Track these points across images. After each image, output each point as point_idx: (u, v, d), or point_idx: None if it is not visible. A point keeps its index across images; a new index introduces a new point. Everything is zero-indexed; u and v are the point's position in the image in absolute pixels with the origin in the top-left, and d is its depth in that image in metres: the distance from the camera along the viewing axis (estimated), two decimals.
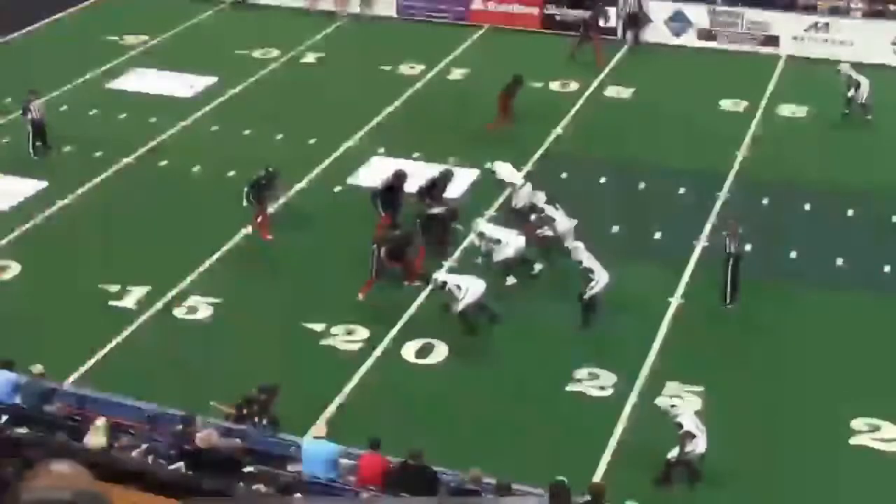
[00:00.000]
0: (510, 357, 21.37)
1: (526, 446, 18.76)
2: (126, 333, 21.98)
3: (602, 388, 20.42)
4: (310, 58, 35.92)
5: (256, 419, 18.00)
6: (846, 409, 19.80)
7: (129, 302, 22.93)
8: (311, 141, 29.55)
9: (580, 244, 22.48)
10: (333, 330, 22.03)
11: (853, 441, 19.14)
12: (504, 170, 26.02)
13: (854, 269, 24.24)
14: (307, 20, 38.89)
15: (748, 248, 23.72)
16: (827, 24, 35.53)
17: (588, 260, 22.00)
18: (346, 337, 21.86)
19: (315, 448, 16.35)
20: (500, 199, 26.45)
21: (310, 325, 22.15)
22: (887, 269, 24.18)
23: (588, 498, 15.57)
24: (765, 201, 26.71)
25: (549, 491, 15.03)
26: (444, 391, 20.53)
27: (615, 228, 25.49)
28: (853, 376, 20.85)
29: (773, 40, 35.95)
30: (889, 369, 21.06)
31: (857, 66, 31.47)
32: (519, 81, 30.50)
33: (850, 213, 26.44)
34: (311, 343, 21.73)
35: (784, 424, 19.66)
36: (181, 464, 15.51)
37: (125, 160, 28.81)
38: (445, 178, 25.73)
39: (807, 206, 26.67)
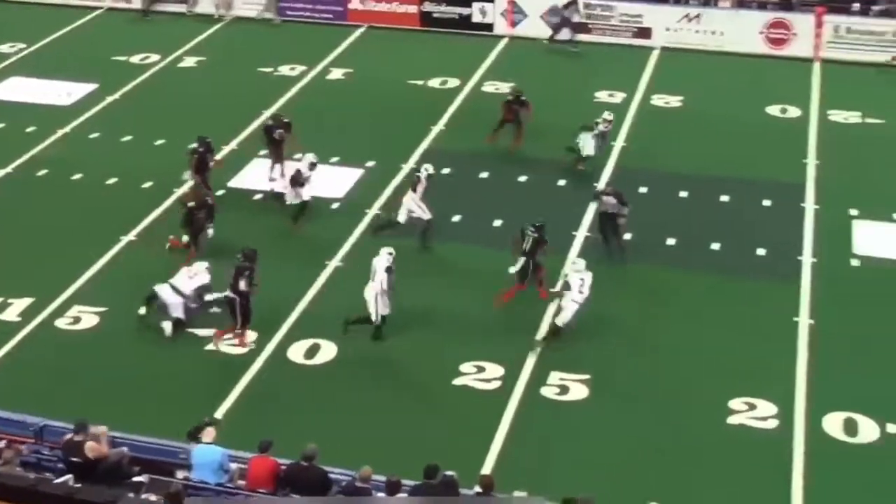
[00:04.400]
0: (397, 354, 21.60)
1: (415, 442, 19.00)
2: (9, 347, 21.76)
3: (488, 380, 20.75)
4: (189, 62, 35.76)
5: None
6: (724, 391, 20.39)
7: (11, 315, 22.69)
8: (192, 145, 29.39)
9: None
10: None
11: (731, 420, 19.73)
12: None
13: (729, 254, 24.96)
14: (186, 24, 38.70)
15: (627, 236, 24.33)
16: (699, 15, 36.37)
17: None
18: (233, 340, 21.89)
19: (204, 453, 16.39)
20: (383, 198, 26.74)
21: (196, 331, 22.15)
22: (761, 252, 24.91)
23: (479, 490, 15.86)
24: (642, 190, 27.27)
25: (425, 475, 15.45)
26: (334, 391, 20.69)
27: (497, 222, 25.82)
28: (729, 358, 21.48)
29: (646, 32, 36.71)
30: (762, 350, 21.73)
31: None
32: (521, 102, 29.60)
33: (725, 198, 27.21)
34: (197, 349, 21.73)
35: (665, 407, 20.17)
36: (69, 476, 15.46)
37: (3, 171, 28.46)
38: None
39: (683, 194, 27.31)
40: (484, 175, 28.27)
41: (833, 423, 19.67)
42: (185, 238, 24.50)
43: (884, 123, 31.32)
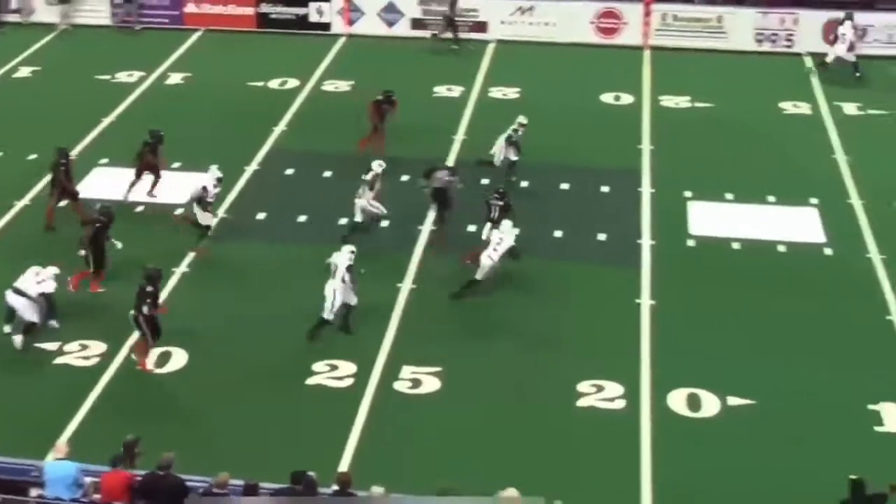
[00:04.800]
0: (250, 357, 21.63)
1: (271, 444, 19.11)
2: None
3: (341, 378, 20.94)
4: (24, 72, 35.11)
5: None
6: (572, 374, 20.93)
7: None
8: (32, 157, 28.92)
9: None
10: (67, 348, 21.80)
11: (580, 403, 20.30)
12: None
13: (571, 240, 25.63)
14: (20, 34, 37.99)
15: (472, 228, 24.83)
16: (532, 8, 37.05)
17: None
18: (81, 353, 21.66)
19: (56, 469, 16.26)
20: (228, 201, 26.73)
21: (43, 346, 21.86)
22: (602, 237, 25.62)
23: (336, 488, 16.05)
24: (484, 181, 27.74)
25: (291, 481, 15.61)
26: (187, 397, 20.65)
27: (342, 220, 26.01)
28: (576, 342, 22.07)
29: (481, 26, 37.27)
30: (607, 333, 22.39)
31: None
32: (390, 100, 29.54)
33: (565, 186, 27.86)
34: (45, 363, 21.46)
35: (516, 393, 20.59)
36: None
37: None
38: None
39: (524, 184, 27.86)
40: (328, 174, 28.42)
41: (677, 400, 20.35)
42: (85, 257, 23.50)
43: (713, 107, 32.41)
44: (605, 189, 27.80)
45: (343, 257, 21.93)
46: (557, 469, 18.70)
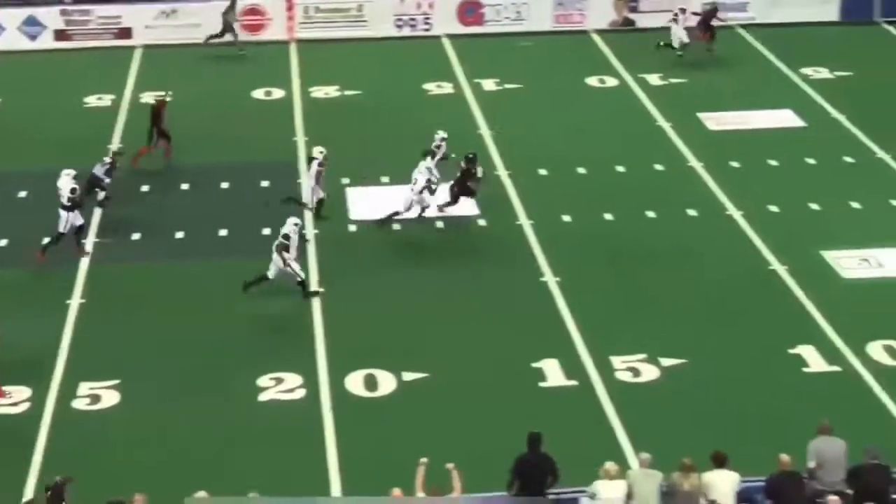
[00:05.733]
0: None
1: None
2: None
3: (16, 404, 20.53)
4: None
5: None
6: (251, 371, 21.28)
7: None
8: None
9: None
10: None
11: (262, 398, 20.71)
12: None
13: (237, 238, 25.98)
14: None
15: (136, 236, 24.87)
16: (175, 11, 36.98)
17: None
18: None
19: None
20: None
21: None
22: (266, 231, 26.00)
23: None
24: (144, 188, 27.64)
25: None
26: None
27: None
28: (252, 339, 22.45)
29: (126, 32, 36.91)
30: (281, 326, 22.95)
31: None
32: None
33: (225, 185, 28.21)
34: None
35: (201, 396, 20.71)
36: None
37: None
38: None
39: (184, 186, 27.98)
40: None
41: (355, 382, 21.06)
42: None
43: (361, 94, 33.44)
44: (265, 184, 28.27)
45: (287, 229, 23.19)
46: (248, 464, 18.85)
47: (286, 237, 23.29)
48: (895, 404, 20.36)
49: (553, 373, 21.30)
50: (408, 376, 21.18)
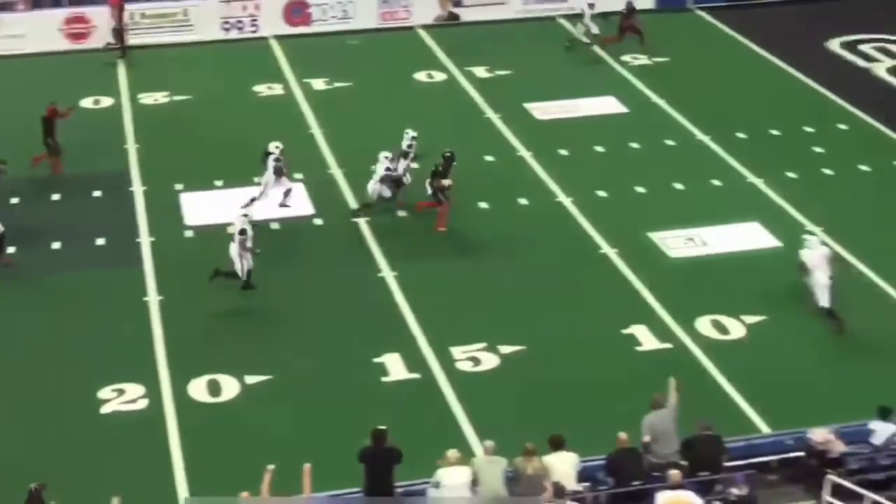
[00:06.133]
0: None
1: None
2: None
3: None
4: None
5: None
6: (92, 383, 21.12)
7: None
8: None
9: None
10: None
11: (104, 410, 20.55)
12: None
13: (71, 250, 25.70)
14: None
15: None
16: None
17: None
18: None
19: None
20: None
21: None
22: (101, 242, 25.78)
23: None
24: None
25: None
26: None
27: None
28: (91, 351, 22.22)
29: None
30: (121, 336, 22.68)
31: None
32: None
33: (56, 197, 27.85)
34: None
35: (30, 411, 20.58)
36: None
37: None
38: None
39: (14, 200, 27.51)
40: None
41: (198, 389, 21.06)
42: None
43: (191, 99, 33.25)
44: (97, 194, 27.97)
45: (237, 222, 23.51)
46: (94, 478, 18.69)
47: (243, 232, 23.46)
48: (724, 377, 21.27)
49: (395, 367, 21.64)
50: (251, 380, 21.26)
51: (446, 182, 26.02)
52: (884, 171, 29.14)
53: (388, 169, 26.31)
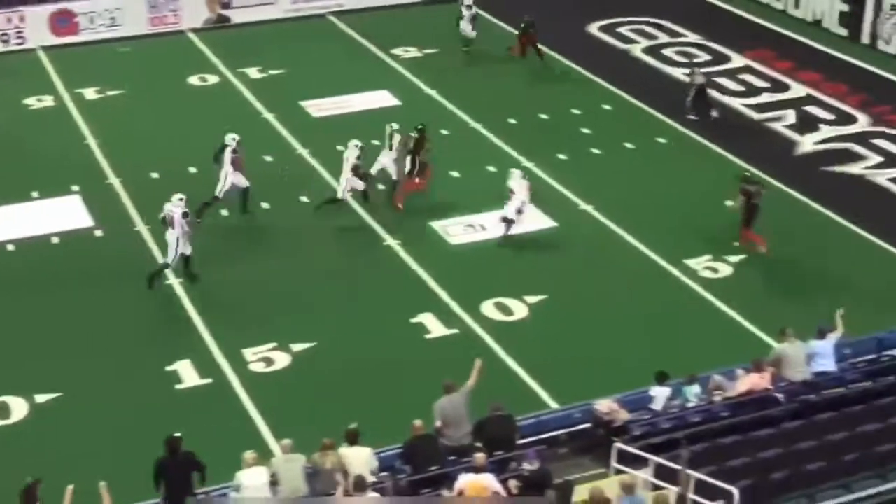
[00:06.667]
0: None
1: None
2: None
3: None
4: None
5: None
6: None
7: None
8: None
9: None
10: None
11: None
12: None
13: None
14: None
15: None
16: None
17: None
18: None
19: None
20: None
21: None
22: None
23: None
24: None
25: None
26: None
27: None
28: None
29: None
30: None
31: None
32: None
33: None
34: None
35: None
36: None
37: None
38: None
39: None
40: None
41: None
42: None
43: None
44: None
45: (176, 207, 23.56)
46: None
47: (186, 215, 23.76)
48: (511, 357, 22.01)
49: (188, 373, 21.68)
50: (40, 398, 20.97)
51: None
52: (648, 147, 30.49)
53: (358, 157, 26.56)
